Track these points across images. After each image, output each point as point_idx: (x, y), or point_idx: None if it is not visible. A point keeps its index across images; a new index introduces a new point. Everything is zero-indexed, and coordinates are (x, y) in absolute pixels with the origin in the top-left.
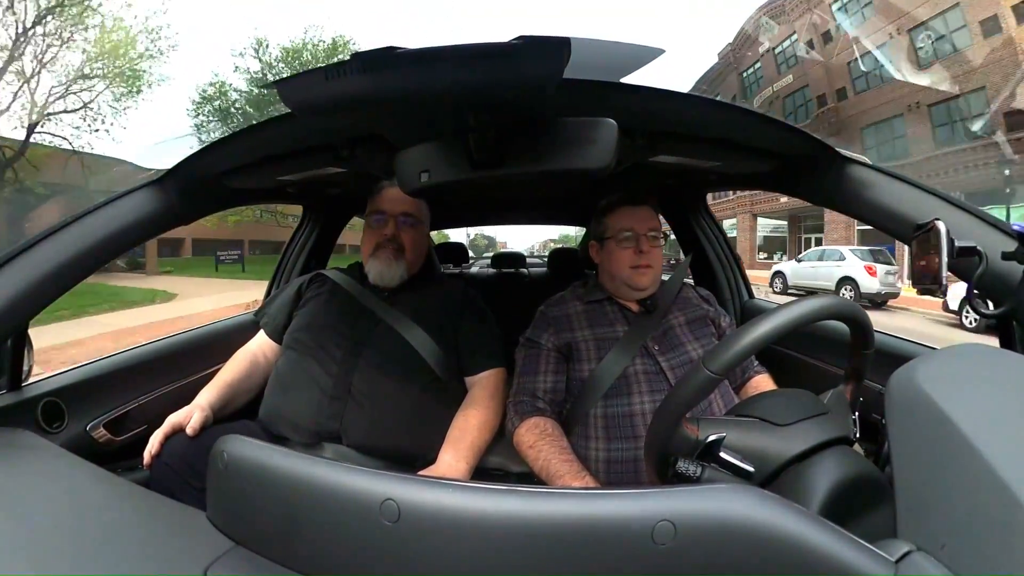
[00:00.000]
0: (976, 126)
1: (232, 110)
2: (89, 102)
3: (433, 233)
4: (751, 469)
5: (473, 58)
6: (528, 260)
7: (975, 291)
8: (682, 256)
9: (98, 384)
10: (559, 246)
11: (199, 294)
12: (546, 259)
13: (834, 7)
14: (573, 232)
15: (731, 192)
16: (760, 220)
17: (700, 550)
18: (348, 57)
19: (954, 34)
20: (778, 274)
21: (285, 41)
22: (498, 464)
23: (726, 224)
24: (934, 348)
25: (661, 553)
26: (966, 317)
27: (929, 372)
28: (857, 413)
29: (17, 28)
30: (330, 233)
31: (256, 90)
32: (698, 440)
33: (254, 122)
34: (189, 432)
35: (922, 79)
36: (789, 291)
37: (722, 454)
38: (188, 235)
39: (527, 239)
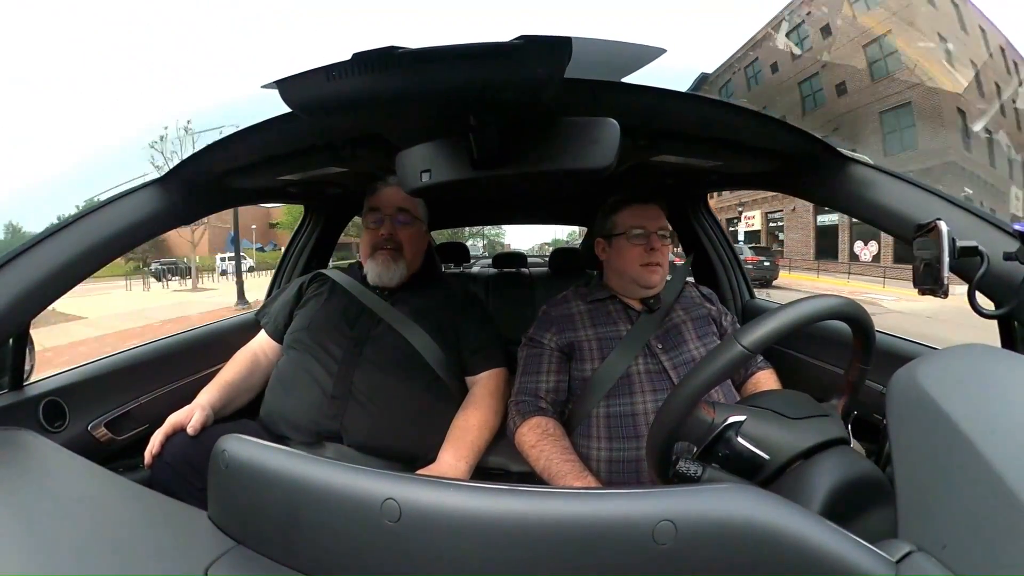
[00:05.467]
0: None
1: None
2: None
3: (444, 233)
4: (767, 457)
5: (474, 58)
6: (528, 260)
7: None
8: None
9: (99, 383)
10: (551, 247)
11: None
12: (544, 258)
13: None
14: (564, 235)
15: None
16: None
17: (701, 550)
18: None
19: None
20: None
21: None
22: (498, 464)
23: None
24: (935, 348)
25: (662, 553)
26: None
27: (930, 372)
28: (849, 427)
29: None
30: (331, 233)
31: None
32: (713, 423)
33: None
34: (190, 431)
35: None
36: None
37: (739, 439)
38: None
39: (528, 240)
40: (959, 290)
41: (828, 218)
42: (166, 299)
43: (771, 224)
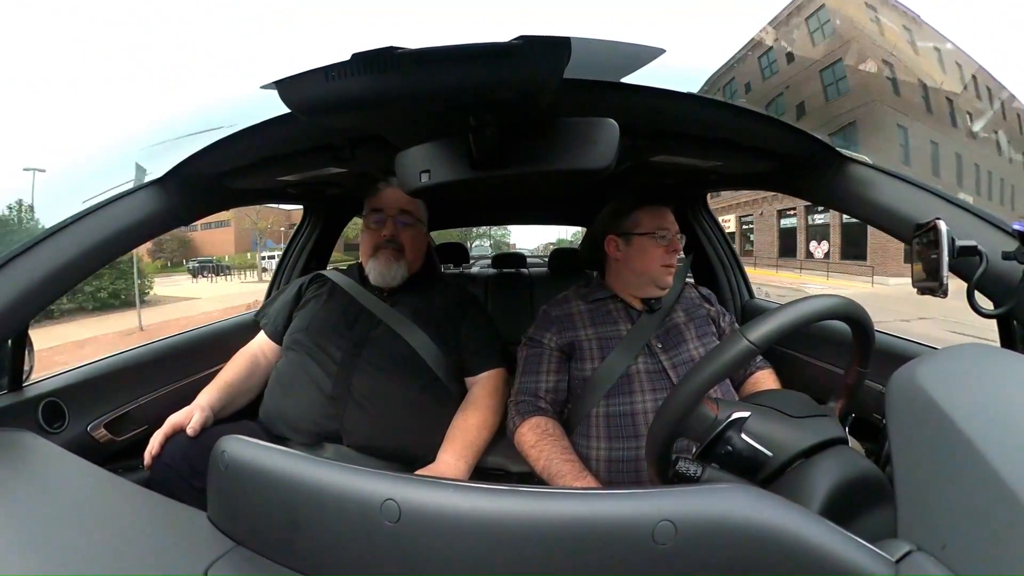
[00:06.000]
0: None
1: None
2: None
3: (452, 234)
4: (770, 454)
5: (473, 58)
6: (530, 260)
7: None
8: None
9: (99, 384)
10: (555, 247)
11: None
12: (547, 259)
13: None
14: (569, 235)
15: None
16: None
17: (701, 550)
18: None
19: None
20: None
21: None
22: (498, 464)
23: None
24: (935, 348)
25: (662, 553)
26: None
27: (930, 372)
28: (847, 430)
29: None
30: (331, 233)
31: None
32: (717, 418)
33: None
34: (189, 432)
35: None
36: None
37: (743, 435)
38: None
39: (533, 240)
40: (893, 280)
41: (789, 222)
42: (245, 288)
43: (744, 227)
